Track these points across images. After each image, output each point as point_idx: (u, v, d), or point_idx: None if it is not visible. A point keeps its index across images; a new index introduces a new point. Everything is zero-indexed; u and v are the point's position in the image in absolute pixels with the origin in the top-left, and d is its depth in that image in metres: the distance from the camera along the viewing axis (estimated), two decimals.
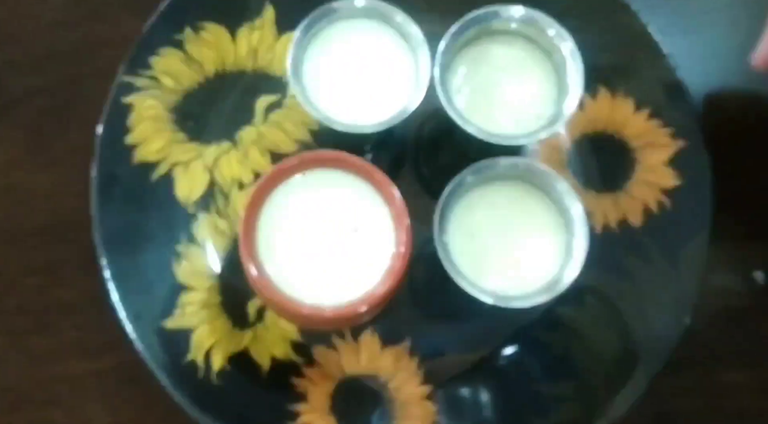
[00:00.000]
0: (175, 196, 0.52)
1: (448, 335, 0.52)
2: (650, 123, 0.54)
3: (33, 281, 0.53)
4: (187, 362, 0.49)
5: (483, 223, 0.49)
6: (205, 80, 0.54)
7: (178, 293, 0.51)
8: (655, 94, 0.54)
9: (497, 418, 0.51)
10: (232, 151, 0.53)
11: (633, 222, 0.53)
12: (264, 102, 0.54)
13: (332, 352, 0.51)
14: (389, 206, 0.45)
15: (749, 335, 0.54)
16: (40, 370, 0.52)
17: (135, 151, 0.52)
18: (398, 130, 0.48)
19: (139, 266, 0.50)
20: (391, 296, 0.45)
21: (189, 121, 0.53)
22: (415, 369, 0.51)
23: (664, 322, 0.51)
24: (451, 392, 0.51)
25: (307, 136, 0.54)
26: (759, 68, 0.50)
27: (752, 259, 0.56)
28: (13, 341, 0.53)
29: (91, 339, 0.52)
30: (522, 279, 0.48)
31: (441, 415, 0.50)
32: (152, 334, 0.49)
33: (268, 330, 0.51)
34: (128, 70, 0.53)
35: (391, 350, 0.51)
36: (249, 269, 0.44)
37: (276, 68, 0.54)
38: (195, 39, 0.54)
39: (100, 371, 0.52)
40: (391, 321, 0.50)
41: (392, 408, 0.50)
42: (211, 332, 0.50)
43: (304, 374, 0.50)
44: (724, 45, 0.59)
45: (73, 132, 0.55)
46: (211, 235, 0.52)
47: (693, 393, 0.54)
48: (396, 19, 0.50)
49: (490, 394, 0.51)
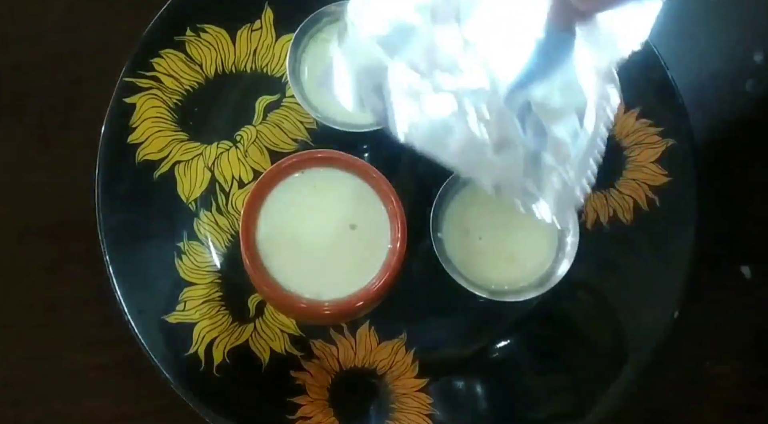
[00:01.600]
0: (176, 194, 0.53)
1: (443, 329, 0.52)
2: (640, 123, 0.54)
3: (38, 277, 0.54)
4: (188, 356, 0.50)
5: (477, 219, 0.49)
6: (206, 81, 0.54)
7: (180, 289, 0.51)
8: (645, 94, 0.54)
9: (491, 410, 0.51)
10: (232, 150, 0.54)
11: (623, 219, 0.53)
12: (263, 102, 0.54)
13: (330, 346, 0.51)
14: (385, 204, 0.46)
15: (737, 329, 0.55)
16: (45, 364, 0.53)
17: (137, 150, 0.52)
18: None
19: (142, 262, 0.51)
20: (387, 291, 0.45)
21: (190, 120, 0.54)
22: (411, 362, 0.51)
23: (654, 316, 0.51)
24: (445, 385, 0.51)
25: (306, 136, 0.54)
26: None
27: (739, 254, 0.56)
28: (19, 336, 0.53)
29: (96, 334, 0.53)
30: (515, 274, 0.49)
31: (436, 407, 0.51)
32: (155, 328, 0.50)
33: (267, 325, 0.51)
34: (130, 71, 0.53)
35: (387, 344, 0.52)
36: (249, 265, 0.45)
37: (275, 69, 0.55)
38: (196, 41, 0.54)
39: (104, 364, 0.52)
40: (387, 316, 0.51)
41: (389, 400, 0.51)
42: (212, 326, 0.51)
43: (303, 368, 0.51)
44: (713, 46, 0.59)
45: (76, 132, 0.55)
46: (211, 232, 0.53)
47: (682, 386, 0.54)
48: None
49: (484, 387, 0.51)
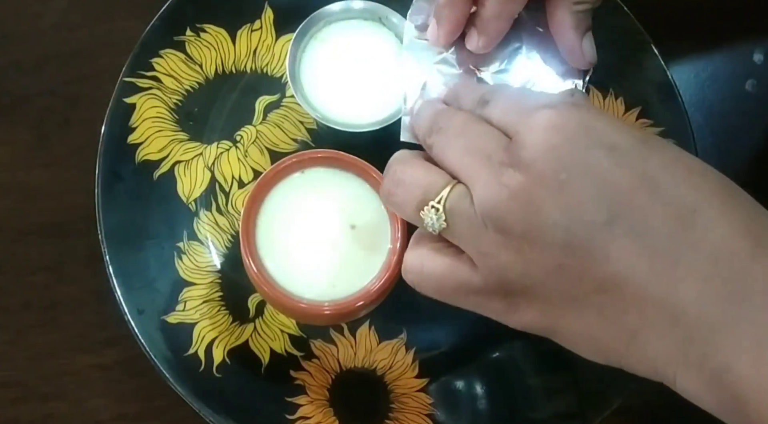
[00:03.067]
0: (176, 194, 0.53)
1: (443, 329, 0.52)
2: (640, 123, 0.54)
3: (38, 277, 0.54)
4: (188, 356, 0.50)
5: None
6: (206, 81, 0.54)
7: (180, 289, 0.51)
8: (646, 94, 0.54)
9: (491, 410, 0.51)
10: (232, 150, 0.54)
11: None
12: (263, 102, 0.55)
13: (330, 346, 0.51)
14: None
15: None
16: (45, 364, 0.53)
17: (137, 150, 0.52)
18: (394, 129, 0.49)
19: (142, 262, 0.51)
20: (387, 291, 0.45)
21: (190, 120, 0.54)
22: (411, 362, 0.51)
23: None
24: (446, 385, 0.51)
25: (306, 136, 0.54)
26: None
27: None
28: (18, 336, 0.53)
29: (96, 334, 0.53)
30: None
31: (436, 407, 0.51)
32: (155, 328, 0.50)
33: (267, 325, 0.51)
34: (130, 71, 0.53)
35: (387, 344, 0.52)
36: (249, 265, 0.44)
37: (275, 69, 0.55)
38: (195, 41, 0.54)
39: (104, 365, 0.52)
40: (387, 316, 0.51)
41: (388, 400, 0.51)
42: (212, 326, 0.51)
43: (302, 368, 0.51)
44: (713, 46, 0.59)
45: (76, 131, 0.55)
46: (211, 232, 0.53)
47: None
48: (392, 20, 0.51)
49: (485, 386, 0.51)
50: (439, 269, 0.37)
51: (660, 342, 0.32)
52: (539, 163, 0.33)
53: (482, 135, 0.36)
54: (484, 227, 0.34)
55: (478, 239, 0.34)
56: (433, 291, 0.38)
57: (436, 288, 0.37)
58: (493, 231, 0.34)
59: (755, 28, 0.60)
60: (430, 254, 0.37)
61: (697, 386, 0.32)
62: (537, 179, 0.33)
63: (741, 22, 0.57)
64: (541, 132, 0.33)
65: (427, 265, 0.37)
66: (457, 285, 0.36)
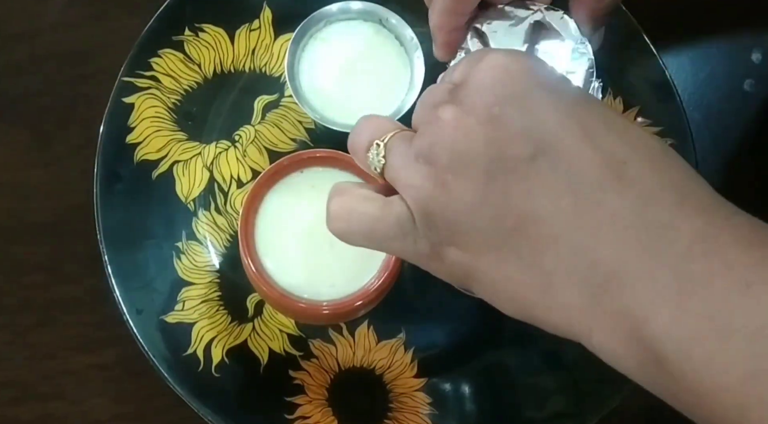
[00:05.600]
0: (175, 194, 0.53)
1: (442, 328, 0.52)
2: (639, 122, 0.54)
3: (36, 277, 0.54)
4: (187, 356, 0.50)
5: None
6: (204, 80, 0.54)
7: (179, 289, 0.51)
8: (644, 93, 0.54)
9: (490, 410, 0.51)
10: (230, 149, 0.54)
11: None
12: (262, 102, 0.55)
13: (329, 346, 0.51)
14: None
15: None
16: (43, 364, 0.53)
17: (136, 150, 0.52)
18: None
19: (141, 262, 0.51)
20: (386, 291, 0.45)
21: (189, 120, 0.54)
22: (410, 362, 0.51)
23: None
24: (444, 385, 0.51)
25: (305, 135, 0.54)
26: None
27: None
28: (17, 336, 0.53)
29: (94, 334, 0.53)
30: None
31: (435, 406, 0.51)
32: (154, 328, 0.50)
33: (266, 324, 0.51)
34: (129, 71, 0.53)
35: (386, 344, 0.52)
36: (248, 264, 0.45)
37: (273, 69, 0.55)
38: (194, 40, 0.54)
39: (103, 364, 0.53)
40: (386, 315, 0.51)
41: (387, 400, 0.51)
42: (211, 326, 0.51)
43: (301, 367, 0.51)
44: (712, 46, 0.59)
45: (75, 131, 0.55)
46: (210, 231, 0.53)
47: None
48: (391, 22, 0.51)
49: (483, 386, 0.51)
50: (370, 212, 0.36)
51: (575, 290, 0.31)
52: (474, 96, 0.33)
53: (436, 88, 0.36)
54: (415, 159, 0.34)
55: (408, 170, 0.34)
56: (362, 238, 0.37)
57: (366, 233, 0.36)
58: (423, 163, 0.33)
59: (753, 27, 0.60)
60: (358, 200, 0.36)
61: (614, 342, 0.31)
62: (468, 111, 0.32)
63: (739, 21, 0.57)
64: (484, 70, 0.33)
65: (356, 210, 0.36)
66: (387, 228, 0.35)
